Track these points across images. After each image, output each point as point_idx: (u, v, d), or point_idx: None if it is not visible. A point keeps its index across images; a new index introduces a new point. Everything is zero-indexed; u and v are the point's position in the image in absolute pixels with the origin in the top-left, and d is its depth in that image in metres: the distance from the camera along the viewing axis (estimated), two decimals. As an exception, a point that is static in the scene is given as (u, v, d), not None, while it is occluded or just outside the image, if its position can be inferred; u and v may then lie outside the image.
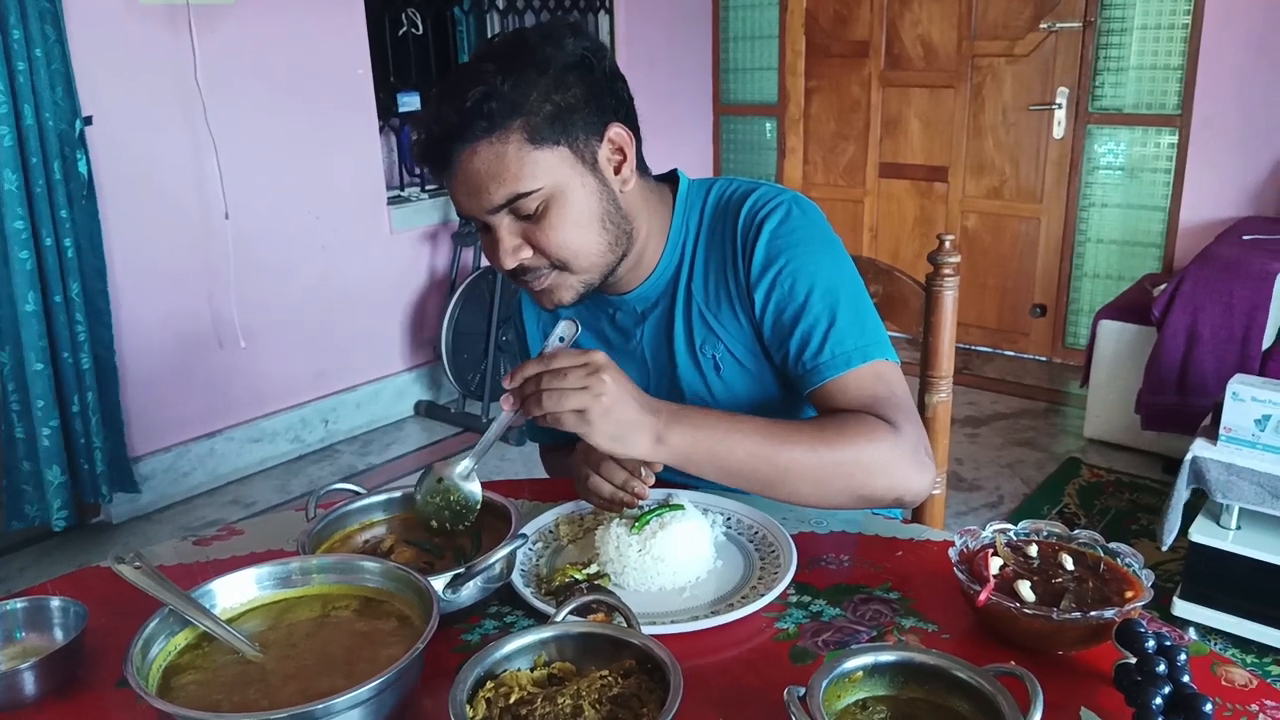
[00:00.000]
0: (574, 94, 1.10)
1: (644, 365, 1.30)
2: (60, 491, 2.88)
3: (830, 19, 4.51)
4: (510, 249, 1.12)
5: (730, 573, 1.09)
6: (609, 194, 1.15)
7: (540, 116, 1.07)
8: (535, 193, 1.09)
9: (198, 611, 0.88)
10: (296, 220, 3.49)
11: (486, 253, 1.17)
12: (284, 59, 3.35)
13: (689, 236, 1.26)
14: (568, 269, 1.15)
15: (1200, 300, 2.90)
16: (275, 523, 1.28)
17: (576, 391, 0.96)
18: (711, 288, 1.25)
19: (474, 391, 3.81)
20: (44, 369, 2.80)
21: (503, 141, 1.07)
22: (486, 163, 1.07)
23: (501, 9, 4.17)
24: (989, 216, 4.29)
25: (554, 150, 1.09)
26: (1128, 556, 0.97)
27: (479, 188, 1.09)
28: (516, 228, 1.12)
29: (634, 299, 1.28)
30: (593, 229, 1.14)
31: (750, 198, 1.23)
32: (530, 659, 0.85)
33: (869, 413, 1.11)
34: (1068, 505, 3.05)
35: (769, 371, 1.25)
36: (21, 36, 2.63)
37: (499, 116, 1.06)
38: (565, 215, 1.11)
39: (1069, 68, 3.92)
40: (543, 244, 1.12)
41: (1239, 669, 0.89)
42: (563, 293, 1.17)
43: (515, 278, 1.17)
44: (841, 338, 1.16)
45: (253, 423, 3.48)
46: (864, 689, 0.81)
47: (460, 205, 1.13)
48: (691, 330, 1.26)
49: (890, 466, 1.08)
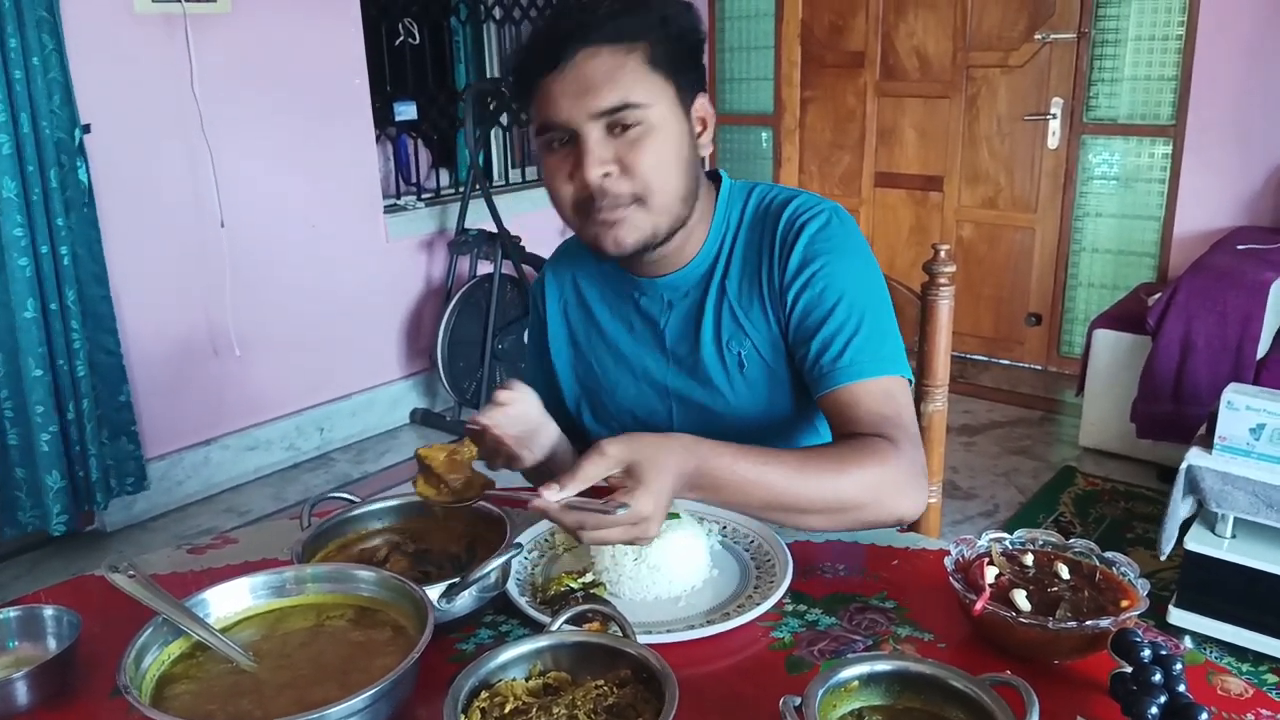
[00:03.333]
0: (685, 49, 1.17)
1: (664, 354, 1.31)
2: (60, 497, 2.88)
3: (826, 30, 4.52)
4: (599, 160, 1.13)
5: (726, 582, 1.09)
6: (694, 147, 1.20)
7: (660, 49, 1.14)
8: (644, 108, 1.12)
9: (192, 621, 0.88)
10: (293, 229, 3.49)
11: (556, 178, 1.16)
12: (281, 68, 3.35)
13: (728, 233, 1.28)
14: (645, 203, 1.15)
15: (1195, 309, 2.91)
16: (270, 531, 1.28)
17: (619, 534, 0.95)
18: (745, 286, 1.26)
19: (470, 400, 3.81)
20: (43, 375, 2.80)
21: (625, 53, 1.12)
22: (606, 66, 1.11)
23: (498, 19, 4.18)
24: (984, 226, 4.30)
25: (665, 83, 1.15)
26: (1123, 565, 0.97)
27: (590, 88, 1.11)
28: (609, 144, 1.13)
29: (664, 285, 1.29)
30: (678, 169, 1.17)
31: (793, 203, 1.26)
32: (525, 669, 0.85)
33: (873, 433, 1.12)
34: (1063, 514, 3.05)
35: (790, 375, 1.27)
36: (19, 45, 2.63)
37: (627, 31, 1.12)
38: (659, 145, 1.14)
39: (1064, 78, 3.93)
40: (635, 164, 1.13)
41: (1234, 678, 0.89)
42: (628, 231, 1.16)
43: (579, 212, 1.17)
44: (862, 347, 1.18)
45: (248, 431, 3.48)
46: (860, 698, 0.81)
47: (556, 109, 1.12)
48: (720, 325, 1.27)
49: (893, 493, 1.09)
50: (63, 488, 2.88)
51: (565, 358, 1.39)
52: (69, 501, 2.91)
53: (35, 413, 2.81)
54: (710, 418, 1.28)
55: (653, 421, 1.32)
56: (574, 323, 1.38)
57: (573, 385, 1.39)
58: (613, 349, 1.34)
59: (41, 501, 2.87)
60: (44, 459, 2.84)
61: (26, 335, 2.76)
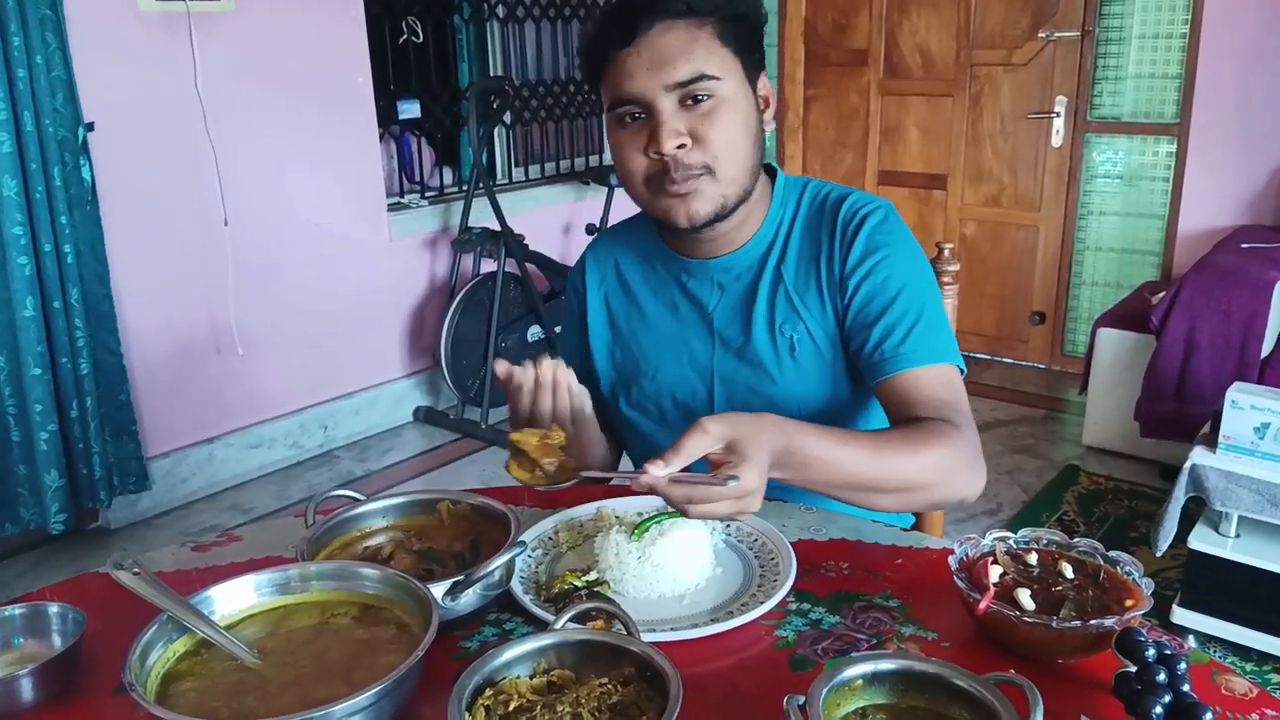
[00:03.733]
0: (749, 27, 1.21)
1: (711, 336, 1.33)
2: (58, 495, 2.88)
3: (829, 28, 4.52)
4: (673, 131, 1.16)
5: (730, 580, 1.09)
6: (760, 122, 1.24)
7: (728, 24, 1.18)
8: (716, 81, 1.16)
9: (196, 618, 0.88)
10: (296, 227, 3.49)
11: (628, 151, 1.20)
12: (284, 66, 3.35)
13: (784, 223, 1.31)
14: (715, 174, 1.19)
15: (1199, 308, 2.90)
16: (274, 529, 1.28)
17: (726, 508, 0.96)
18: (803, 272, 1.29)
19: (473, 398, 3.81)
20: (42, 374, 2.80)
21: (698, 27, 1.16)
22: (680, 40, 1.15)
23: (501, 18, 4.18)
24: (987, 224, 4.30)
25: (734, 59, 1.19)
26: (1127, 564, 0.97)
27: (665, 61, 1.15)
28: (681, 116, 1.17)
29: (715, 268, 1.31)
30: (747, 141, 1.21)
31: (850, 198, 1.30)
32: (529, 666, 0.85)
33: (935, 417, 1.15)
34: (1066, 513, 3.05)
35: (840, 362, 1.29)
36: (21, 43, 2.63)
37: (699, 6, 1.16)
38: (730, 117, 1.18)
39: (1067, 76, 3.93)
40: (707, 136, 1.17)
41: (1239, 678, 0.89)
42: (701, 202, 1.20)
43: (652, 184, 1.20)
44: (923, 334, 1.21)
45: (251, 429, 3.48)
46: (863, 697, 0.81)
47: (631, 82, 1.16)
48: (774, 309, 1.29)
49: (958, 473, 1.13)
50: (61, 486, 2.88)
51: (603, 342, 1.41)
52: (67, 500, 2.91)
53: (34, 411, 2.81)
54: (755, 400, 1.30)
55: (693, 404, 1.34)
56: (614, 307, 1.40)
57: (609, 370, 1.41)
58: (655, 331, 1.36)
59: (41, 500, 2.87)
60: (43, 457, 2.84)
61: (26, 334, 2.76)
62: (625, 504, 1.22)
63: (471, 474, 3.50)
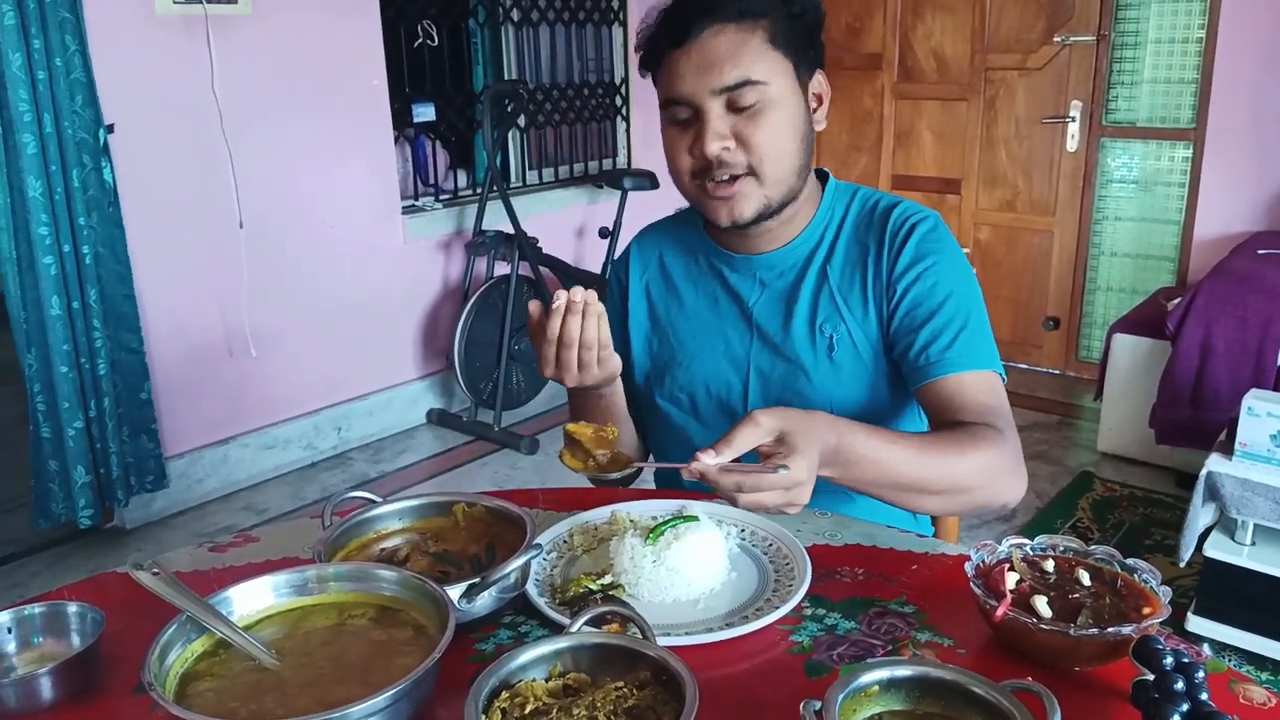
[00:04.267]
0: (805, 27, 1.22)
1: (750, 329, 1.34)
2: (85, 491, 2.93)
3: (843, 31, 4.51)
4: (718, 134, 1.18)
5: (744, 585, 1.09)
6: (810, 122, 1.25)
7: (780, 27, 1.19)
8: (763, 85, 1.17)
9: (215, 618, 0.88)
10: (311, 229, 3.51)
11: (676, 149, 1.23)
12: (300, 69, 3.37)
13: (831, 225, 1.33)
14: (759, 177, 1.21)
15: (1214, 314, 2.89)
16: (290, 530, 1.28)
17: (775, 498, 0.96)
18: (848, 274, 1.31)
19: (486, 400, 3.82)
20: (68, 371, 2.85)
21: (749, 31, 1.17)
22: (730, 43, 1.16)
23: (516, 21, 4.19)
24: (1002, 229, 4.28)
25: (784, 60, 1.19)
26: (1145, 572, 0.96)
27: (713, 65, 1.16)
28: (727, 119, 1.19)
29: (759, 263, 1.33)
30: (794, 143, 1.22)
31: (900, 206, 1.32)
32: (545, 669, 0.85)
33: (981, 422, 1.17)
34: (1081, 519, 3.04)
35: (878, 366, 1.30)
36: (42, 46, 2.65)
37: (751, 8, 1.17)
38: (778, 120, 1.19)
39: (1083, 81, 3.91)
40: (752, 139, 1.18)
41: (1257, 687, 0.89)
42: (745, 204, 1.22)
43: (698, 185, 1.23)
44: (969, 341, 1.23)
45: (266, 430, 3.50)
46: (880, 703, 0.81)
47: (682, 82, 1.18)
48: (817, 307, 1.31)
49: (1002, 477, 1.15)
50: (88, 482, 2.93)
51: (642, 332, 1.43)
52: (93, 496, 2.95)
53: (62, 408, 2.86)
54: (789, 395, 1.31)
55: (726, 397, 1.35)
56: (655, 297, 1.42)
57: (645, 360, 1.43)
58: (693, 322, 1.38)
59: (70, 494, 2.92)
60: (71, 453, 2.88)
61: (54, 333, 2.80)
62: (640, 508, 1.22)
63: (484, 476, 3.51)
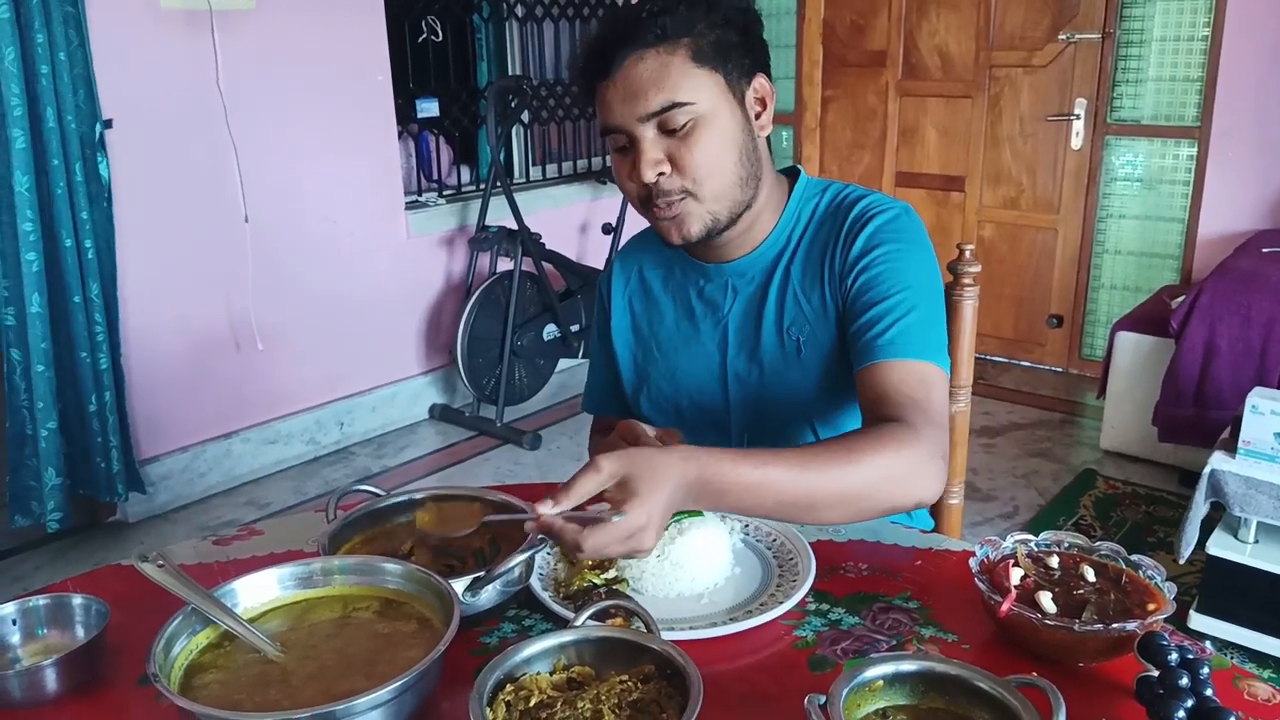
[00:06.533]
0: (734, 34, 1.19)
1: (725, 338, 1.34)
2: (55, 493, 2.85)
3: (847, 29, 4.51)
4: (652, 161, 1.17)
5: (748, 579, 1.09)
6: (749, 131, 1.22)
7: (705, 41, 1.17)
8: (690, 106, 1.16)
9: (220, 611, 0.89)
10: (315, 224, 3.51)
11: (621, 175, 1.23)
12: (305, 64, 3.37)
13: (798, 225, 1.31)
14: (698, 196, 1.20)
15: (1218, 313, 2.89)
16: (295, 523, 1.29)
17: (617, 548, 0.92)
18: (809, 272, 1.29)
19: (489, 396, 3.82)
20: (45, 370, 2.79)
21: (669, 53, 1.16)
22: (651, 69, 1.15)
23: (520, 17, 4.19)
24: (1006, 226, 4.28)
25: (711, 74, 1.17)
26: (1149, 569, 0.97)
27: (638, 93, 1.15)
28: (661, 143, 1.18)
29: (731, 271, 1.32)
30: (731, 156, 1.20)
31: (866, 199, 1.30)
32: (550, 663, 0.86)
33: (895, 415, 1.10)
34: (1083, 517, 3.03)
35: (846, 361, 1.27)
36: (45, 40, 2.65)
37: (670, 30, 1.15)
38: (710, 137, 1.18)
39: (1087, 78, 3.91)
40: (684, 160, 1.17)
41: (1262, 683, 0.89)
42: (691, 223, 1.22)
43: (644, 205, 1.23)
44: (908, 329, 1.19)
45: (268, 424, 3.50)
46: (884, 698, 0.81)
47: (611, 114, 1.18)
48: (783, 311, 1.30)
49: (907, 478, 1.06)
50: (58, 484, 2.85)
51: (627, 345, 1.43)
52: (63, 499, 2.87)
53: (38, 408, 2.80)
54: (767, 401, 1.31)
55: (708, 405, 1.35)
56: (637, 311, 1.42)
57: (631, 373, 1.43)
58: (673, 334, 1.38)
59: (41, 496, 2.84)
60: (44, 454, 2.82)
61: (33, 330, 2.75)
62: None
63: (486, 471, 3.51)
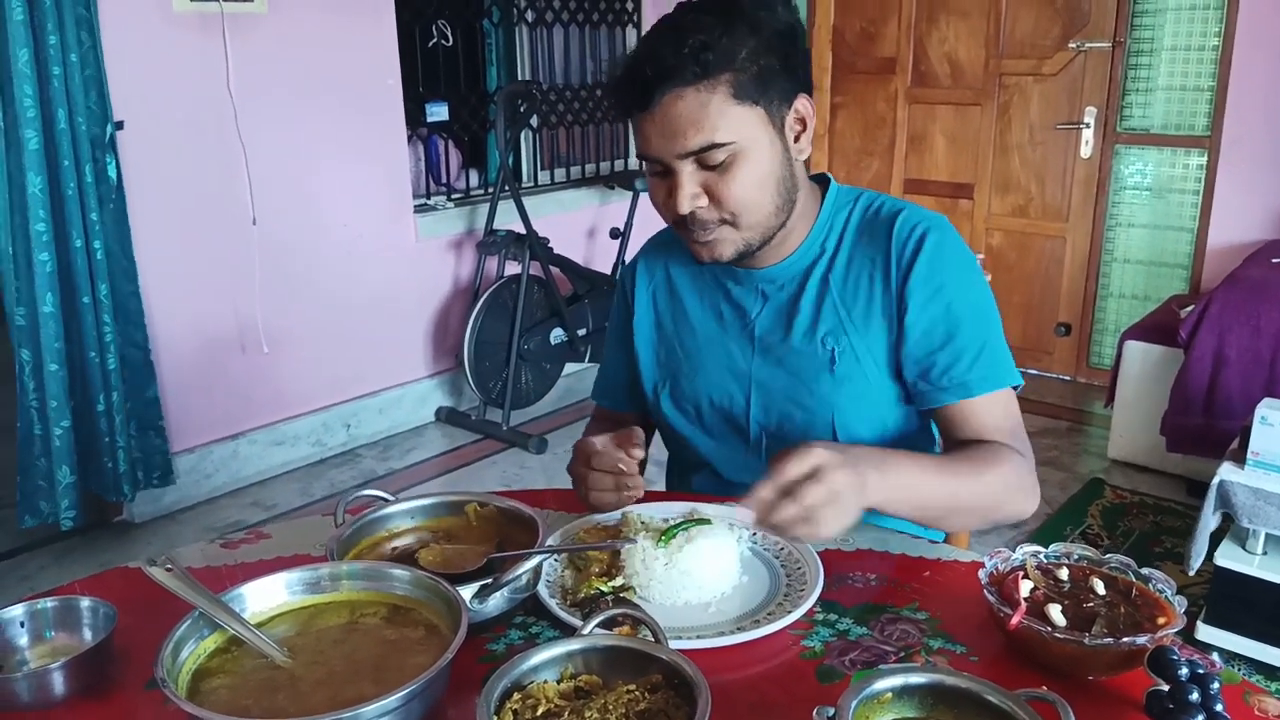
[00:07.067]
0: (777, 60, 1.16)
1: (751, 343, 1.33)
2: (69, 491, 2.86)
3: (857, 36, 4.51)
4: (689, 195, 1.17)
5: (756, 589, 1.09)
6: (788, 159, 1.21)
7: (747, 75, 1.14)
8: (728, 145, 1.14)
9: (228, 615, 0.89)
10: (323, 227, 3.52)
11: (656, 198, 1.23)
12: (315, 68, 3.38)
13: (832, 234, 1.31)
14: (735, 225, 1.20)
15: (1228, 322, 2.88)
16: (302, 527, 1.29)
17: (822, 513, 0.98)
18: (851, 284, 1.28)
19: (495, 399, 3.82)
20: (58, 370, 2.80)
21: (709, 91, 1.13)
22: (690, 108, 1.13)
23: (531, 22, 4.19)
24: (1014, 234, 4.27)
25: (752, 109, 1.15)
26: (1159, 582, 0.96)
27: (677, 131, 1.14)
28: (698, 176, 1.17)
29: (761, 278, 1.32)
30: (768, 189, 1.20)
31: (904, 212, 1.29)
32: (557, 671, 0.85)
33: (999, 441, 1.21)
34: (1091, 526, 3.02)
35: (885, 379, 1.28)
36: (58, 42, 2.66)
37: (712, 67, 1.12)
38: (748, 172, 1.17)
39: (1097, 87, 3.90)
40: (722, 196, 1.17)
41: (1272, 698, 0.88)
42: (724, 248, 1.22)
43: (680, 228, 1.23)
44: (988, 361, 1.24)
45: (275, 426, 3.50)
46: (893, 710, 0.80)
47: (649, 145, 1.18)
48: (818, 320, 1.29)
49: (1018, 493, 1.18)
50: (71, 483, 2.86)
51: (649, 342, 1.43)
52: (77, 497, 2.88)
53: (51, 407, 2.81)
54: (790, 408, 1.31)
55: (729, 408, 1.35)
56: (661, 308, 1.42)
57: (653, 370, 1.43)
58: (697, 335, 1.38)
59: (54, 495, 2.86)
60: (57, 453, 2.83)
61: (45, 330, 2.76)
62: (651, 510, 1.22)
63: (492, 475, 3.51)
